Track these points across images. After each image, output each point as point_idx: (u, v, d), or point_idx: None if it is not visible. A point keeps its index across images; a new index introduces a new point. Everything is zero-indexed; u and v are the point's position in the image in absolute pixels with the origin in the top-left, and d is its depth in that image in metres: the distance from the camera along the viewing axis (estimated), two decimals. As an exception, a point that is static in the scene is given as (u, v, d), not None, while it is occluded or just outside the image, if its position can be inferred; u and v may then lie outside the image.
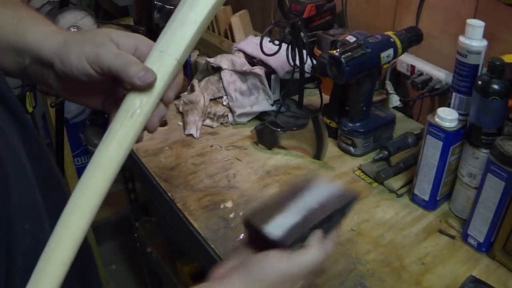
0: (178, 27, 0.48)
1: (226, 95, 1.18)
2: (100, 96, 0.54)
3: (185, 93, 1.23)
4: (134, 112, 0.46)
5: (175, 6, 0.50)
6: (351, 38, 1.04)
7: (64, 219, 0.42)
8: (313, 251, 0.52)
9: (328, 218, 0.55)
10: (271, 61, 1.17)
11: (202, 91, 1.18)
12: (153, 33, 1.90)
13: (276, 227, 0.52)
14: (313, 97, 1.25)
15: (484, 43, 0.80)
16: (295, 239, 0.51)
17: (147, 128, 0.48)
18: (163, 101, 0.49)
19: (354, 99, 1.03)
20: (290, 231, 0.52)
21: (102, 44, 0.47)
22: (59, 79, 0.50)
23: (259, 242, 0.52)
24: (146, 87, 0.46)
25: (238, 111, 1.15)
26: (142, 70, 0.46)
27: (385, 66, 1.03)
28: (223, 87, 1.18)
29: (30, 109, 1.90)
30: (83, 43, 0.48)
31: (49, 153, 0.59)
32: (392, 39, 0.99)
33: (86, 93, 0.54)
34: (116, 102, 0.50)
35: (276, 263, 0.50)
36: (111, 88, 0.53)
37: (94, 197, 0.43)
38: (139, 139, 0.48)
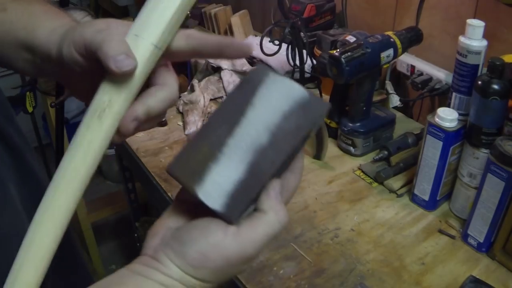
0: (156, 5, 0.41)
1: (226, 95, 1.18)
2: None
3: (185, 93, 1.23)
4: (102, 112, 0.38)
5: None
6: (351, 38, 1.04)
7: (27, 241, 0.37)
8: (269, 219, 0.39)
9: (289, 161, 0.42)
10: (271, 61, 1.17)
11: (202, 91, 1.18)
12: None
13: (213, 189, 0.38)
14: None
15: (484, 43, 0.80)
16: (243, 209, 0.38)
17: (119, 130, 0.40)
18: (119, 129, 0.39)
19: (354, 99, 1.03)
20: (234, 198, 0.38)
21: (91, 25, 0.41)
22: (70, 77, 0.45)
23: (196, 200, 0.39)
24: (121, 76, 0.38)
25: (238, 111, 1.15)
26: (122, 52, 0.37)
27: (385, 66, 1.03)
28: (223, 87, 1.18)
29: (30, 109, 1.90)
30: (75, 30, 0.41)
31: (41, 176, 0.55)
32: (392, 39, 0.99)
33: (92, 89, 0.44)
34: None
35: (221, 243, 0.38)
36: None
37: (59, 215, 0.37)
38: (114, 140, 0.40)
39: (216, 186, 0.38)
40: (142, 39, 0.39)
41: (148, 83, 0.41)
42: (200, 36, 0.41)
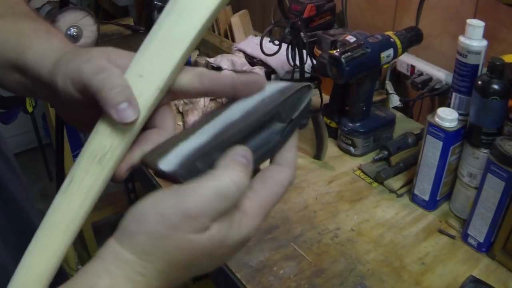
0: (164, 44, 0.37)
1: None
2: None
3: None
4: (103, 156, 0.36)
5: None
6: (351, 38, 1.04)
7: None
8: (218, 173, 0.33)
9: (257, 127, 0.37)
10: (271, 61, 1.17)
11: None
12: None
13: (173, 156, 0.35)
14: (313, 97, 1.25)
15: (484, 43, 0.80)
16: (192, 167, 0.34)
17: (114, 177, 0.38)
18: (114, 177, 0.38)
19: (354, 99, 1.03)
20: (189, 160, 0.34)
21: (90, 59, 0.38)
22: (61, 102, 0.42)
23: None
24: (122, 125, 0.35)
25: (238, 111, 1.15)
26: (125, 100, 0.35)
27: (385, 66, 1.03)
28: (223, 87, 1.18)
29: (30, 109, 1.90)
30: (71, 60, 0.39)
31: (24, 204, 0.51)
32: (392, 39, 0.99)
33: (88, 119, 0.41)
34: None
35: (157, 198, 0.33)
36: None
37: (53, 262, 0.35)
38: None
39: (176, 155, 0.35)
40: (147, 82, 0.37)
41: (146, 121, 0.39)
42: (214, 77, 0.39)
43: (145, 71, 0.37)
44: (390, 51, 0.98)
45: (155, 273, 0.32)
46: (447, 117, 0.81)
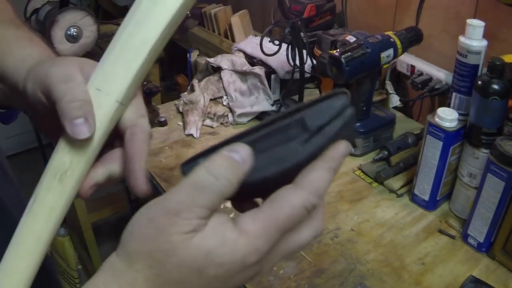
0: (122, 54, 0.36)
1: (226, 95, 1.18)
2: None
3: (185, 93, 1.23)
4: (63, 174, 0.35)
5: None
6: (351, 38, 1.04)
7: None
8: (199, 168, 0.31)
9: (272, 130, 0.34)
10: (271, 61, 1.17)
11: (202, 91, 1.18)
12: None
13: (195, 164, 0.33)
14: (313, 97, 1.25)
15: (484, 43, 0.80)
16: (194, 164, 0.34)
17: (78, 194, 0.37)
18: (78, 193, 0.37)
19: (354, 99, 1.03)
20: (197, 156, 0.34)
21: (61, 64, 0.37)
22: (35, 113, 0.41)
23: None
24: (77, 141, 0.35)
25: (238, 111, 1.15)
26: (82, 115, 0.34)
27: (385, 66, 1.03)
28: (223, 87, 1.18)
29: (30, 109, 1.90)
30: (44, 65, 0.38)
31: (14, 209, 0.50)
32: (392, 39, 0.99)
33: (58, 128, 0.39)
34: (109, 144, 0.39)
35: (149, 210, 0.32)
36: None
37: (21, 283, 0.34)
38: (79, 195, 0.37)
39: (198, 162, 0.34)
40: (105, 95, 0.36)
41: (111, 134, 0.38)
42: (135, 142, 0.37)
43: (103, 85, 0.36)
44: (390, 51, 0.98)
45: (144, 283, 0.31)
46: (447, 117, 0.81)
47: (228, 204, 0.37)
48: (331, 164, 0.33)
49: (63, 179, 0.35)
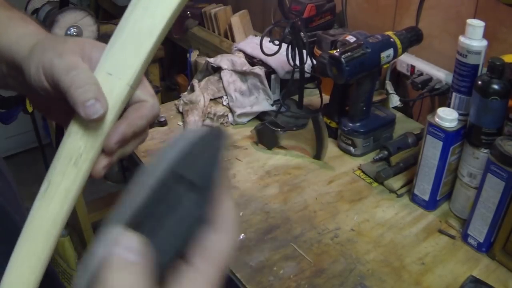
0: (130, 39, 0.38)
1: (226, 95, 1.18)
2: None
3: (185, 93, 1.23)
4: (78, 158, 0.36)
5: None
6: (351, 38, 1.04)
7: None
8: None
9: (155, 196, 0.27)
10: (271, 61, 1.17)
11: (202, 91, 1.18)
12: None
13: None
14: (313, 97, 1.25)
15: (484, 43, 0.80)
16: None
17: (91, 174, 0.38)
18: (104, 149, 0.38)
19: (354, 99, 1.03)
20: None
21: (63, 53, 0.38)
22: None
23: None
24: (91, 122, 0.36)
25: (238, 111, 1.15)
26: (93, 96, 0.35)
27: (385, 66, 1.03)
28: (223, 87, 1.18)
29: (30, 109, 1.90)
30: (46, 50, 0.38)
31: (11, 208, 0.50)
32: (392, 39, 0.99)
33: (56, 110, 0.42)
34: None
35: None
36: None
37: (36, 265, 0.34)
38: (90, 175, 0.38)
39: None
40: (117, 80, 0.37)
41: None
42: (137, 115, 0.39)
43: (114, 70, 0.37)
44: (390, 51, 0.98)
45: None
46: (447, 117, 0.81)
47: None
48: (228, 192, 0.31)
49: (78, 162, 0.36)
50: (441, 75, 1.10)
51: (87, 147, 0.37)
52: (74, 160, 0.36)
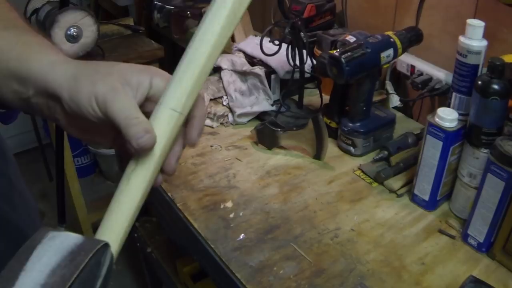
0: (183, 69, 0.46)
1: (226, 95, 1.18)
2: (111, 134, 0.49)
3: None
4: (129, 177, 0.44)
5: (175, 6, 0.46)
6: (351, 38, 1.04)
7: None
8: None
9: None
10: (271, 61, 1.17)
11: (202, 91, 1.18)
12: (153, 33, 1.90)
13: None
14: (313, 97, 1.25)
15: (484, 43, 0.80)
16: None
17: (164, 170, 0.47)
18: (162, 170, 0.46)
19: (354, 99, 1.03)
20: None
21: (114, 89, 0.43)
22: (66, 114, 0.46)
23: None
24: (142, 152, 0.43)
25: (238, 111, 1.15)
26: (141, 131, 0.42)
27: (385, 66, 1.03)
28: (223, 87, 1.18)
29: (30, 109, 1.90)
30: (95, 82, 0.43)
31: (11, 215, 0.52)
32: (392, 39, 0.99)
33: (96, 131, 0.49)
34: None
35: None
36: None
37: (128, 223, 0.43)
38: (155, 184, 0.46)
39: None
40: (180, 115, 0.44)
41: None
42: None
43: (178, 106, 0.44)
44: (390, 51, 0.98)
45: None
46: (447, 117, 0.81)
47: (228, 204, 0.41)
48: None
49: (129, 181, 0.44)
50: (441, 75, 1.10)
51: (136, 169, 0.44)
52: (127, 178, 0.43)
